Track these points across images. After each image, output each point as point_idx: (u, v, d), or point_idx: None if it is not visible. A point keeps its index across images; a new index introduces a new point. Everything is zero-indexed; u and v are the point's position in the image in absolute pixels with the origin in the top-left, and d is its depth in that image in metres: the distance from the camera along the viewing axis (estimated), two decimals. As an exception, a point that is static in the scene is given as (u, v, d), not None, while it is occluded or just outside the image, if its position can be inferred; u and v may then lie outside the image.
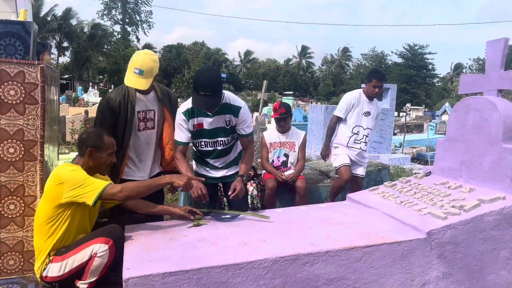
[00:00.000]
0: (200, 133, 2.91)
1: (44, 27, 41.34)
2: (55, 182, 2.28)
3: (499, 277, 2.32)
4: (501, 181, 2.44)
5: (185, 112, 2.85)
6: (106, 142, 2.44)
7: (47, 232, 2.32)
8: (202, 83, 2.63)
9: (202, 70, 2.77)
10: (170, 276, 1.86)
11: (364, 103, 4.19)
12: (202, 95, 2.63)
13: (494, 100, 2.54)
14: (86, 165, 2.41)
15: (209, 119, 2.87)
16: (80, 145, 2.43)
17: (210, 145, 2.97)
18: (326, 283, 2.06)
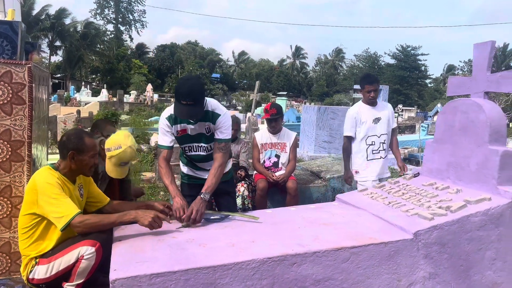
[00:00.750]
0: (184, 138, 2.91)
1: (36, 26, 41.02)
2: (32, 188, 2.27)
3: (485, 277, 2.34)
4: (487, 182, 2.47)
5: (169, 117, 2.84)
6: (88, 144, 2.40)
7: (31, 237, 2.31)
8: (183, 92, 2.63)
9: (184, 80, 2.79)
10: (157, 277, 1.85)
11: (368, 112, 3.97)
12: (184, 104, 2.63)
13: (481, 102, 2.57)
14: (68, 168, 2.38)
15: (191, 125, 2.86)
16: (61, 148, 2.39)
17: (195, 149, 2.97)
18: (314, 283, 2.07)
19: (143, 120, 17.93)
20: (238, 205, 4.10)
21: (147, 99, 28.94)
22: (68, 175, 2.39)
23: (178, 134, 2.90)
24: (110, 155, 2.75)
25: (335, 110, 10.63)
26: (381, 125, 3.93)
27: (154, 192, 6.00)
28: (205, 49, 61.00)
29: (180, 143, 2.97)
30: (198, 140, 2.95)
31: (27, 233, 2.32)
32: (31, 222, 2.30)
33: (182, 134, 2.90)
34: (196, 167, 3.12)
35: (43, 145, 3.24)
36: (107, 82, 43.09)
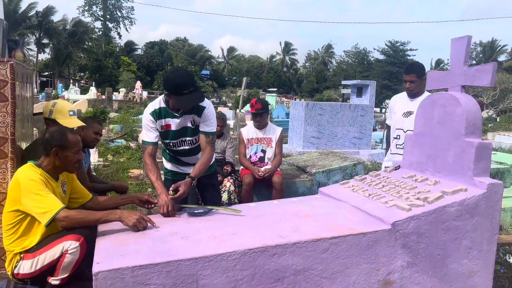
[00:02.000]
0: (167, 134, 2.93)
1: (23, 23, 40.50)
2: (14, 185, 2.28)
3: (461, 266, 2.42)
4: (464, 174, 2.53)
5: (153, 113, 2.87)
6: (71, 140, 2.41)
7: (15, 233, 2.33)
8: (183, 82, 2.66)
9: (174, 72, 2.81)
10: (140, 269, 1.89)
11: (405, 103, 3.76)
12: (187, 93, 2.67)
13: (458, 96, 2.63)
14: (51, 165, 2.40)
15: (177, 119, 2.90)
16: (44, 145, 2.39)
17: (178, 144, 3.00)
18: (294, 273, 2.12)
19: (132, 118, 17.84)
20: (224, 200, 4.15)
21: (136, 96, 28.76)
22: (51, 172, 2.41)
23: (163, 129, 2.92)
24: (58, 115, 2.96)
25: (323, 106, 10.72)
26: (411, 121, 3.51)
27: (141, 189, 6.02)
28: (193, 46, 60.72)
29: (164, 138, 3.00)
30: (182, 134, 2.98)
31: (11, 229, 2.33)
32: (15, 219, 2.32)
33: (166, 129, 2.92)
34: (181, 162, 3.15)
35: (27, 142, 3.24)
36: (95, 80, 42.73)
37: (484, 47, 54.26)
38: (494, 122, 24.39)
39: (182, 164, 3.15)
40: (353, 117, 10.83)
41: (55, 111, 2.98)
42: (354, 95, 12.34)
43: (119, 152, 9.16)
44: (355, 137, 10.93)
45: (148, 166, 2.81)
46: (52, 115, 2.97)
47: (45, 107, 3.04)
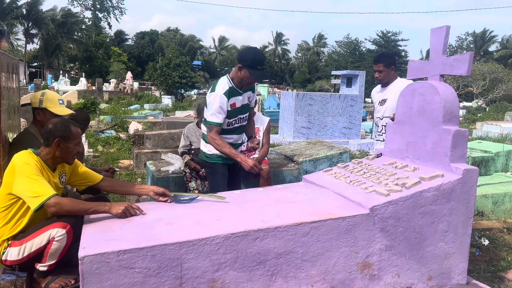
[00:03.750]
0: (231, 112, 3.17)
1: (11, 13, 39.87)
2: (10, 169, 2.33)
3: (438, 248, 2.51)
4: (441, 160, 2.62)
5: (225, 93, 3.10)
6: (73, 132, 2.47)
7: (4, 219, 2.36)
8: (261, 59, 3.08)
9: (253, 48, 3.28)
10: (125, 253, 1.95)
11: (379, 92, 3.97)
12: (260, 69, 3.05)
13: (436, 85, 2.70)
14: (51, 155, 2.44)
15: (240, 97, 3.21)
16: (46, 135, 2.43)
17: (236, 122, 3.27)
18: (276, 256, 2.20)
19: (122, 109, 17.77)
20: (212, 188, 4.20)
21: (127, 87, 28.57)
22: (49, 162, 2.45)
23: (231, 108, 3.15)
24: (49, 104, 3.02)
25: (313, 96, 10.77)
26: (385, 108, 3.81)
27: (131, 179, 6.06)
28: (184, 36, 60.25)
29: (229, 117, 3.19)
30: (241, 111, 3.28)
31: (2, 213, 2.37)
32: (7, 203, 2.35)
33: (233, 108, 3.16)
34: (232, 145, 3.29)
35: (14, 133, 3.26)
36: (85, 71, 42.34)
37: (475, 37, 54.54)
38: (483, 112, 24.64)
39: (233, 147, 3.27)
40: (342, 107, 10.90)
41: (45, 100, 3.02)
42: (344, 85, 12.40)
43: (109, 143, 9.16)
44: (344, 127, 11.03)
45: (219, 141, 3.10)
46: (43, 104, 3.00)
47: (34, 97, 3.07)
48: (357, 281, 2.38)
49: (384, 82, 3.85)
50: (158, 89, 29.60)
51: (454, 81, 27.73)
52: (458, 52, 47.98)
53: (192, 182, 4.33)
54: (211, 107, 3.10)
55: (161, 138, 7.18)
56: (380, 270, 2.41)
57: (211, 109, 3.11)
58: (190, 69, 28.42)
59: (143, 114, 15.31)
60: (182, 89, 27.37)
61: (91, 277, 1.90)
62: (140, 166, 6.68)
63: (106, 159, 7.42)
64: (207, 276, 2.09)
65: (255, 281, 2.17)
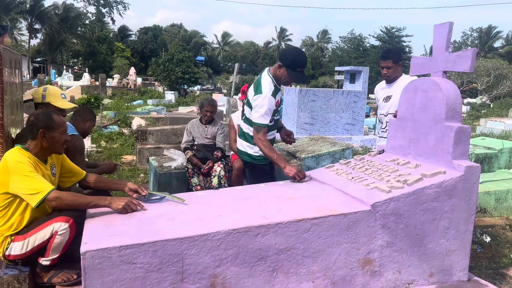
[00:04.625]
0: (276, 109, 3.22)
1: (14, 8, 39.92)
2: (2, 168, 2.31)
3: (439, 245, 2.51)
4: (443, 157, 2.61)
5: (272, 94, 3.12)
6: (57, 121, 2.45)
7: (4, 216, 2.37)
8: (302, 62, 3.07)
9: (297, 49, 3.24)
10: (127, 249, 1.96)
11: (384, 89, 3.91)
12: (299, 71, 3.07)
13: (439, 81, 2.69)
14: (39, 147, 2.43)
15: (279, 93, 3.26)
16: (30, 128, 2.42)
17: (276, 116, 3.30)
18: (277, 252, 2.20)
19: (126, 104, 17.80)
20: (214, 184, 4.22)
21: (130, 82, 28.61)
22: (39, 155, 2.44)
23: (276, 106, 3.20)
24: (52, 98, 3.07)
25: (316, 92, 10.76)
26: (390, 104, 3.75)
27: (134, 174, 6.08)
28: (188, 32, 60.18)
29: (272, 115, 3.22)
30: (281, 104, 3.37)
31: (0, 212, 2.38)
32: (4, 202, 2.36)
33: (277, 105, 3.23)
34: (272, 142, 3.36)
35: (17, 128, 3.27)
36: (89, 66, 42.38)
37: (480, 33, 54.18)
38: (487, 108, 24.53)
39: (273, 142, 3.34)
40: (346, 103, 10.89)
41: (48, 95, 3.05)
42: (347, 81, 12.38)
43: (112, 138, 9.19)
44: (348, 123, 11.01)
45: (267, 144, 3.10)
46: (46, 99, 3.03)
47: (36, 93, 3.08)
48: (358, 277, 2.38)
49: (391, 78, 3.78)
50: (161, 85, 29.62)
51: (458, 77, 27.58)
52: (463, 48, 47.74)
53: (195, 178, 4.34)
54: (261, 109, 3.07)
55: (164, 134, 7.19)
56: (381, 266, 2.42)
57: (260, 111, 3.08)
58: (194, 64, 28.39)
59: (146, 110, 15.34)
60: (185, 84, 27.38)
61: (93, 272, 1.92)
62: (143, 161, 6.70)
63: (109, 154, 7.45)
64: (209, 271, 2.10)
65: (256, 277, 2.18)
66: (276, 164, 3.12)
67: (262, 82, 3.14)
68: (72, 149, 3.05)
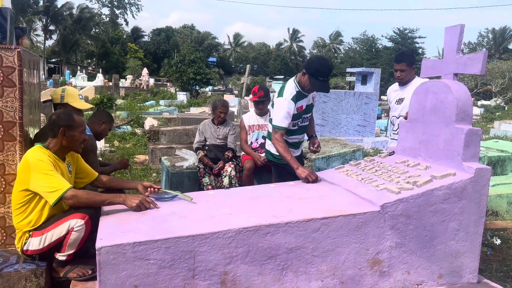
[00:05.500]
0: (297, 115, 3.26)
1: (30, 9, 40.58)
2: (24, 166, 2.40)
3: (448, 247, 2.52)
4: (453, 159, 2.62)
5: (293, 98, 3.17)
6: (77, 121, 2.55)
7: (24, 212, 2.46)
8: (325, 72, 3.07)
9: (321, 60, 3.17)
10: (140, 245, 2.02)
11: (397, 91, 3.91)
12: (322, 80, 3.07)
13: (449, 83, 2.70)
14: (59, 145, 2.52)
15: (305, 99, 3.27)
16: (51, 126, 2.51)
17: (302, 121, 3.36)
18: (286, 251, 2.24)
19: (138, 105, 17.98)
20: (225, 184, 4.27)
21: (142, 83, 28.89)
22: (59, 152, 2.53)
23: (297, 111, 3.24)
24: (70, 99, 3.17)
25: (326, 93, 10.75)
26: (403, 106, 3.75)
27: (146, 173, 6.16)
28: (201, 33, 60.52)
29: (295, 119, 3.28)
30: (306, 111, 3.36)
31: (20, 208, 2.47)
32: (24, 199, 2.45)
33: (299, 111, 3.25)
34: (294, 146, 3.43)
35: (35, 128, 3.37)
36: (102, 67, 42.87)
37: (494, 34, 53.46)
38: (502, 110, 24.19)
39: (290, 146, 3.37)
40: (357, 105, 10.87)
41: (66, 96, 3.15)
42: (359, 82, 12.34)
43: (125, 138, 9.32)
44: (359, 125, 10.99)
45: (283, 145, 3.16)
46: (64, 99, 3.14)
47: (55, 93, 3.18)
48: (367, 278, 2.41)
49: (405, 81, 3.78)
50: (173, 86, 29.85)
51: (472, 79, 27.27)
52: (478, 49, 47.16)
53: (206, 178, 4.40)
54: (279, 112, 3.17)
55: (176, 134, 7.28)
56: (390, 267, 2.44)
57: (278, 113, 3.18)
58: (205, 65, 28.55)
59: (158, 110, 15.48)
60: (197, 85, 27.55)
61: (108, 267, 1.98)
62: (155, 161, 6.79)
63: (122, 154, 7.56)
64: (219, 268, 2.14)
65: (266, 275, 2.22)
66: (289, 165, 3.15)
67: (286, 86, 3.26)
68: (84, 149, 3.14)
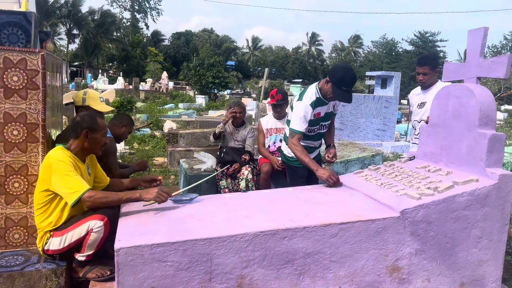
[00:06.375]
0: (314, 121, 3.26)
1: (54, 14, 41.57)
2: (45, 166, 2.45)
3: (470, 255, 2.46)
4: (476, 164, 2.56)
5: (312, 104, 3.17)
6: (100, 124, 2.60)
7: (45, 213, 2.50)
8: (348, 81, 3.03)
9: (345, 69, 3.09)
10: (158, 247, 2.03)
11: (419, 95, 3.87)
12: (345, 90, 3.03)
13: (472, 87, 2.64)
14: (80, 147, 2.57)
15: (325, 106, 3.26)
16: (74, 127, 2.57)
17: (319, 128, 3.37)
18: (304, 256, 2.22)
19: (158, 108, 18.19)
20: (242, 187, 4.27)
21: (162, 86, 29.22)
22: (79, 154, 2.58)
23: (314, 117, 3.24)
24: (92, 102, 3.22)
25: (347, 100, 10.65)
26: (425, 111, 3.70)
27: (165, 175, 6.21)
28: (219, 37, 60.93)
29: (312, 125, 3.30)
30: (324, 119, 3.36)
31: (42, 208, 2.52)
32: (45, 199, 2.50)
33: (316, 118, 3.25)
34: (309, 150, 3.41)
35: (57, 130, 3.43)
36: (123, 70, 43.58)
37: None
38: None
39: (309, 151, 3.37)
40: (376, 109, 10.74)
41: (88, 98, 3.22)
42: (378, 86, 12.20)
43: (144, 141, 9.42)
44: (378, 129, 10.86)
45: (300, 148, 3.18)
46: (86, 102, 3.21)
47: (77, 96, 3.25)
48: (386, 284, 2.37)
49: (427, 85, 3.74)
50: (192, 89, 30.10)
51: (495, 83, 26.66)
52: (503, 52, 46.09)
53: (223, 181, 4.40)
54: (296, 115, 3.19)
55: (194, 137, 7.32)
56: (410, 274, 2.39)
57: (296, 117, 3.19)
58: (224, 69, 28.70)
59: (177, 113, 15.62)
60: (215, 89, 27.71)
61: (126, 269, 1.99)
62: (173, 163, 6.84)
63: (141, 156, 7.64)
64: (236, 272, 2.14)
65: (283, 279, 2.21)
66: (309, 168, 3.15)
67: (306, 91, 3.25)
68: (103, 151, 3.18)
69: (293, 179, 3.53)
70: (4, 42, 2.68)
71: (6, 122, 2.69)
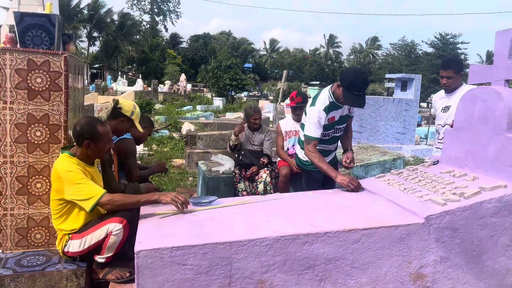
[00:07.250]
0: (329, 126, 3.20)
1: (76, 17, 42.40)
2: (56, 178, 2.46)
3: (498, 263, 2.37)
4: (504, 170, 2.47)
5: (325, 109, 3.11)
6: (101, 132, 2.52)
7: (61, 218, 2.52)
8: (359, 85, 2.94)
9: (357, 73, 3.01)
10: (178, 250, 2.01)
11: (443, 99, 3.79)
12: (356, 94, 2.95)
13: (500, 90, 2.56)
14: (84, 154, 2.54)
15: (339, 110, 3.20)
16: (76, 137, 2.52)
17: (334, 132, 3.31)
18: (325, 262, 2.18)
19: (176, 109, 18.33)
20: (260, 190, 4.24)
21: (180, 89, 29.46)
22: (85, 160, 2.56)
23: (329, 122, 3.18)
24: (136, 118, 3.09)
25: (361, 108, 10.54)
26: (449, 115, 3.63)
27: (183, 177, 6.23)
28: (236, 39, 61.17)
29: (326, 130, 3.23)
30: (339, 122, 3.29)
31: (58, 214, 2.53)
32: (60, 207, 2.51)
33: (330, 122, 3.19)
34: (324, 153, 3.36)
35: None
36: (142, 72, 44.12)
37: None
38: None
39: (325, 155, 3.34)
40: (396, 112, 10.59)
41: (135, 114, 3.10)
42: (398, 89, 12.03)
43: (163, 142, 9.49)
44: (398, 132, 10.70)
45: (317, 155, 3.11)
46: (133, 116, 3.08)
47: (128, 105, 3.10)
48: (409, 292, 2.30)
49: (451, 88, 3.65)
50: (210, 91, 30.27)
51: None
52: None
53: (241, 183, 4.39)
54: (310, 121, 3.13)
55: (212, 139, 7.34)
56: (434, 282, 2.32)
57: (310, 123, 3.13)
58: (241, 71, 28.79)
59: (195, 115, 15.71)
60: (232, 91, 27.80)
61: (146, 271, 1.98)
62: (191, 165, 6.86)
63: (160, 158, 7.69)
64: (256, 277, 2.10)
65: (303, 285, 2.17)
66: (327, 175, 3.08)
67: (319, 95, 3.18)
68: (124, 153, 3.19)
69: (309, 183, 3.47)
70: (28, 44, 2.73)
71: (30, 123, 2.73)
